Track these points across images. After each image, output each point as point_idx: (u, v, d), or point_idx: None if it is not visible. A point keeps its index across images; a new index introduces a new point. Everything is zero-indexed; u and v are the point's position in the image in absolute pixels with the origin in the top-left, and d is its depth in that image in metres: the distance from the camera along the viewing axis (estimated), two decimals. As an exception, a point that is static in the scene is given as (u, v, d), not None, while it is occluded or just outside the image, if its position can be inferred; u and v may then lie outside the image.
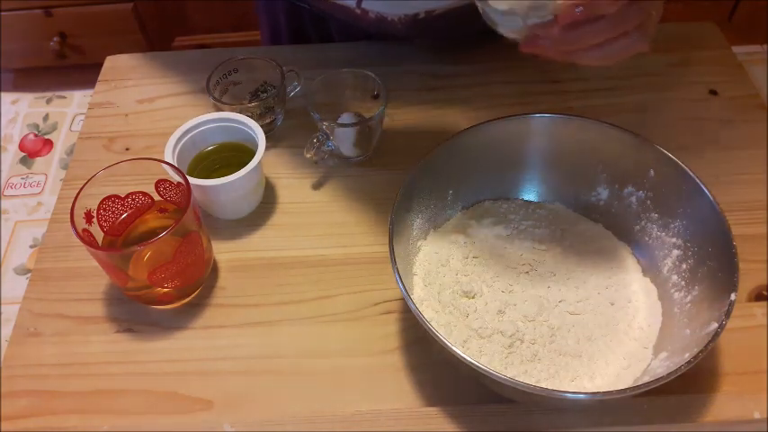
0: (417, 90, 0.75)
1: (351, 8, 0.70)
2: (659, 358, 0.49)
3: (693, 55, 0.78)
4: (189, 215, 0.52)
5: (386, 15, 0.70)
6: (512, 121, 0.57)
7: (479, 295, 0.53)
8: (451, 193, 0.59)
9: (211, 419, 0.52)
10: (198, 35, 1.73)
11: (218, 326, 0.57)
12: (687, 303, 0.51)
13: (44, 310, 0.58)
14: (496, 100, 0.73)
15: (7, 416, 0.53)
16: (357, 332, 0.56)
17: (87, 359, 0.56)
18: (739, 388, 0.52)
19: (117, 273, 0.53)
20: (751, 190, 0.65)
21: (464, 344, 0.51)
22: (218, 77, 0.68)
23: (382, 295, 0.58)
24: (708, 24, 0.81)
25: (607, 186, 0.59)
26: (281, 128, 0.71)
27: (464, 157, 0.57)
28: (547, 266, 0.55)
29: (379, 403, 0.52)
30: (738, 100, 0.73)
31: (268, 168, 0.67)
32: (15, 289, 0.62)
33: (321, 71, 0.67)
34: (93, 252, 0.52)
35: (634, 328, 0.53)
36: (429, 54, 0.79)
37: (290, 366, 0.55)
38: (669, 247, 0.55)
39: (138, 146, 0.71)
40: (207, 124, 0.63)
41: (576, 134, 0.58)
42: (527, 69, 0.77)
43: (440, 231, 0.59)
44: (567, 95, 0.71)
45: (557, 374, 0.50)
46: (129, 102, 0.75)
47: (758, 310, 0.57)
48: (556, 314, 0.52)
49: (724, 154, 0.68)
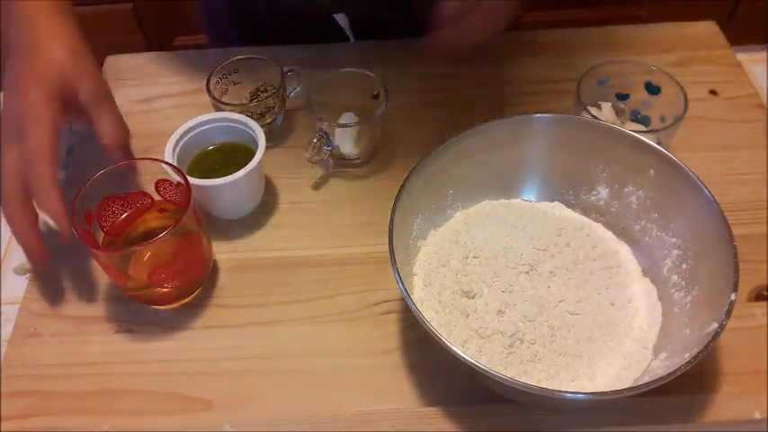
0: (417, 90, 0.75)
1: None
2: (659, 358, 0.49)
3: (693, 55, 0.77)
4: (189, 215, 0.52)
5: None
6: (512, 121, 0.57)
7: (479, 295, 0.53)
8: (451, 193, 0.59)
9: (211, 419, 0.52)
10: (198, 35, 1.73)
11: (218, 326, 0.57)
12: (687, 303, 0.51)
13: (44, 310, 0.58)
14: (496, 100, 0.73)
15: (7, 416, 0.53)
16: (357, 332, 0.56)
17: (87, 359, 0.56)
18: (739, 388, 0.52)
19: (117, 273, 0.53)
20: (751, 190, 0.65)
21: (464, 344, 0.51)
22: (218, 77, 0.68)
23: (382, 295, 0.58)
24: (708, 24, 0.81)
25: (607, 186, 0.59)
26: (281, 128, 0.71)
27: (464, 157, 0.57)
28: (547, 266, 0.55)
29: (379, 403, 0.52)
30: (738, 100, 0.73)
31: (268, 168, 0.67)
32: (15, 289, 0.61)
33: (321, 71, 0.67)
34: (94, 252, 0.52)
35: (634, 328, 0.53)
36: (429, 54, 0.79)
37: (290, 366, 0.55)
38: (669, 247, 0.55)
39: (139, 146, 0.70)
40: (207, 124, 0.63)
41: (576, 134, 0.58)
42: (527, 69, 0.77)
43: (440, 231, 0.59)
44: (567, 95, 0.71)
45: (557, 375, 0.50)
46: (129, 102, 0.75)
47: (758, 310, 0.57)
48: (556, 314, 0.52)
49: (724, 154, 0.68)
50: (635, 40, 0.79)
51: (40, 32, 0.55)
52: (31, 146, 0.51)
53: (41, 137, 0.52)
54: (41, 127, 0.52)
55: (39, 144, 0.51)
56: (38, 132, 0.52)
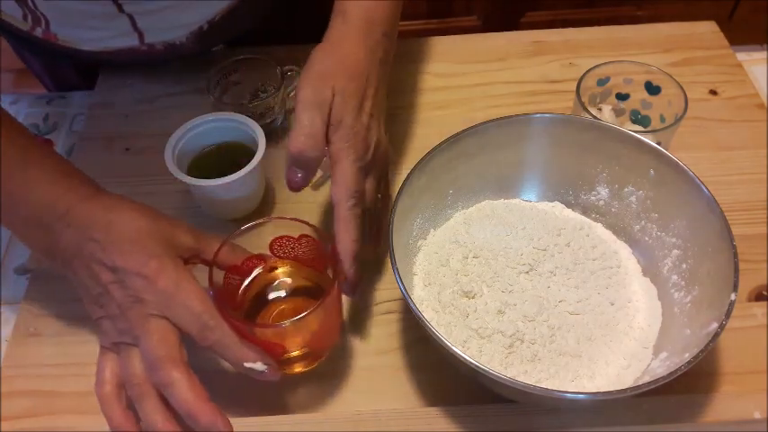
0: (417, 90, 0.75)
1: (136, 48, 0.70)
2: (659, 358, 0.49)
3: (693, 55, 0.77)
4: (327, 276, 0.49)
5: (173, 41, 0.70)
6: (512, 121, 0.57)
7: (479, 295, 0.53)
8: (451, 193, 0.59)
9: (211, 419, 0.52)
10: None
11: (218, 326, 0.57)
12: (687, 303, 0.51)
13: (44, 311, 0.58)
14: (496, 100, 0.73)
15: (7, 416, 0.53)
16: (357, 332, 0.56)
17: (87, 359, 0.55)
18: (739, 388, 0.52)
19: (272, 346, 0.48)
20: (751, 190, 0.65)
21: (464, 344, 0.51)
22: (218, 77, 0.68)
23: (382, 295, 0.58)
24: (708, 24, 0.81)
25: (607, 186, 0.59)
26: (281, 128, 0.71)
27: (464, 157, 0.57)
28: (547, 266, 0.55)
29: (379, 403, 0.52)
30: (738, 100, 0.73)
31: (268, 168, 0.67)
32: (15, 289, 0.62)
33: (321, 71, 0.67)
34: (237, 326, 0.46)
35: (634, 328, 0.53)
36: (429, 54, 0.79)
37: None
38: (669, 246, 0.55)
39: (139, 146, 0.71)
40: (207, 124, 0.63)
41: (575, 134, 0.58)
42: (527, 69, 0.77)
43: (440, 231, 0.59)
44: (567, 95, 0.71)
45: (557, 374, 0.50)
46: (129, 102, 0.75)
47: (758, 310, 0.57)
48: (556, 314, 0.52)
49: (724, 154, 0.68)
50: (635, 40, 0.79)
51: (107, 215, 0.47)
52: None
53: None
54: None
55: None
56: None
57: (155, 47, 0.70)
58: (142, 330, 0.45)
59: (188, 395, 0.44)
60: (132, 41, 0.69)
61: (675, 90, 0.62)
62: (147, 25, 0.68)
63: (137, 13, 0.66)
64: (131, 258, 0.45)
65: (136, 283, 0.45)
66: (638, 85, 0.65)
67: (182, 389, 0.44)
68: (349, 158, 0.51)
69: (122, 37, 0.69)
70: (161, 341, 0.45)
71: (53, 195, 0.47)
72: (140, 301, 0.45)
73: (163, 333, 0.45)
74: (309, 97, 0.51)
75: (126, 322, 0.45)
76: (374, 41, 0.55)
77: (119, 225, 0.47)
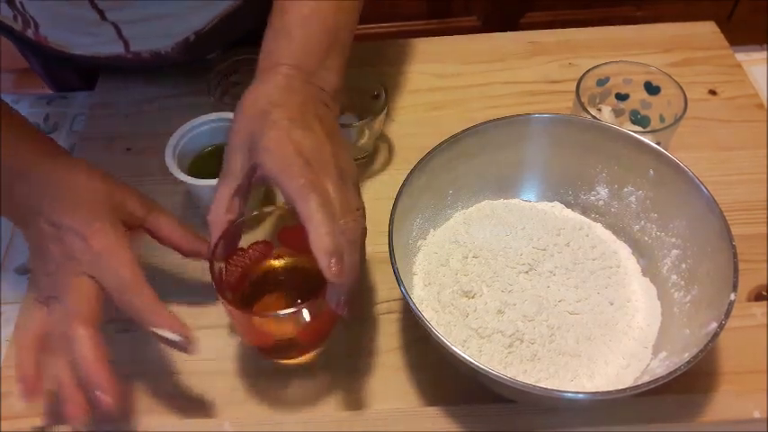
0: (417, 90, 0.75)
1: (121, 55, 0.70)
2: (659, 358, 0.49)
3: (693, 55, 0.78)
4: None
5: (159, 50, 0.70)
6: (512, 122, 0.57)
7: (479, 295, 0.53)
8: (451, 193, 0.59)
9: (211, 419, 0.52)
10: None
11: (217, 326, 0.57)
12: (687, 303, 0.51)
13: (44, 310, 0.58)
14: (496, 100, 0.73)
15: (7, 416, 0.53)
16: (357, 332, 0.56)
17: (87, 359, 0.55)
18: (739, 388, 0.52)
19: (260, 333, 0.50)
20: (750, 190, 0.65)
21: (464, 344, 0.51)
22: (218, 78, 0.68)
23: (382, 295, 0.58)
24: (708, 24, 0.81)
25: (606, 186, 0.59)
26: (281, 128, 0.71)
27: (464, 157, 0.57)
28: (546, 266, 0.55)
29: (379, 403, 0.53)
30: (738, 100, 0.73)
31: (268, 168, 0.67)
32: (15, 289, 0.62)
33: (321, 71, 0.67)
34: (242, 316, 0.47)
35: (633, 327, 0.53)
36: (429, 54, 0.79)
37: (289, 366, 0.55)
38: (669, 246, 0.55)
39: (139, 146, 0.71)
40: (207, 124, 0.63)
41: (575, 134, 0.58)
42: (527, 69, 0.77)
43: (440, 231, 0.59)
44: (567, 96, 0.71)
45: (556, 374, 0.50)
46: (129, 102, 0.75)
47: (758, 310, 0.57)
48: (555, 314, 0.52)
49: (724, 154, 0.68)
50: (635, 40, 0.79)
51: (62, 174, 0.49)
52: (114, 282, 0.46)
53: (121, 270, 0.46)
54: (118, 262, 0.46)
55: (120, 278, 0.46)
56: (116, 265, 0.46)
57: (141, 55, 0.71)
58: (67, 286, 0.46)
59: (88, 353, 0.44)
60: (119, 49, 0.70)
61: (675, 90, 0.62)
62: (133, 34, 0.68)
63: (121, 21, 0.67)
64: (75, 217, 0.47)
65: (74, 241, 0.46)
66: (637, 85, 0.65)
67: (83, 346, 0.44)
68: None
69: (110, 44, 0.69)
70: (80, 299, 0.45)
71: (17, 155, 0.49)
72: (73, 258, 0.46)
73: (85, 291, 0.46)
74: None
75: (57, 277, 0.46)
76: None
77: (72, 184, 0.48)
